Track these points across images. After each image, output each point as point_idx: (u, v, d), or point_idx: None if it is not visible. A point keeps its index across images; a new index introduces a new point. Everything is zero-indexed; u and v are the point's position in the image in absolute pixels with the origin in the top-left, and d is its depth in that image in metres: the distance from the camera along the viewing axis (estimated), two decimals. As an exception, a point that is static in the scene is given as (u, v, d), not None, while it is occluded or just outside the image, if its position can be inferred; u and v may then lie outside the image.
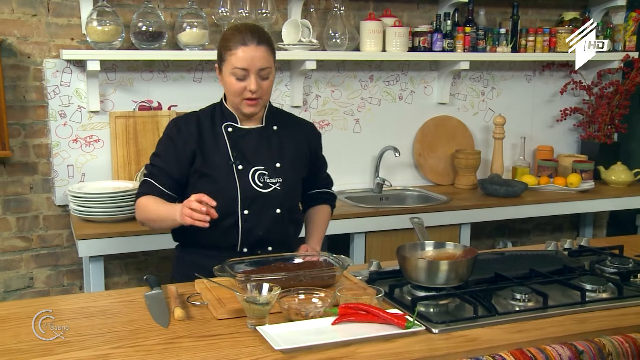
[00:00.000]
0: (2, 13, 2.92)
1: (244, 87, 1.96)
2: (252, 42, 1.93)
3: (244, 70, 1.94)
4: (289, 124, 2.15)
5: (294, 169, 2.09)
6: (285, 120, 2.16)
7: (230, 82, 1.97)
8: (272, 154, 2.06)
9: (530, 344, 1.53)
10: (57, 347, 1.47)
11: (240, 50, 1.93)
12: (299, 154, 2.12)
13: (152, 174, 2.03)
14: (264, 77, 1.97)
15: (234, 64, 1.94)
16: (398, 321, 1.55)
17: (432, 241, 1.95)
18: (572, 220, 4.24)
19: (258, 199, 2.00)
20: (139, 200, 2.02)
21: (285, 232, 2.08)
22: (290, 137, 2.11)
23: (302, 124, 2.20)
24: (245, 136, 2.06)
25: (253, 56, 1.93)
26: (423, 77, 3.73)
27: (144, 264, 3.35)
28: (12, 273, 3.13)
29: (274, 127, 2.10)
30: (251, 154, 2.04)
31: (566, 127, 4.12)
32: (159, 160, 2.03)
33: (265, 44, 1.95)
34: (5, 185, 3.05)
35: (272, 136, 2.08)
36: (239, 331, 1.57)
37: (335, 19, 3.33)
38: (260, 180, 2.02)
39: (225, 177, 2.00)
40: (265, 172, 2.03)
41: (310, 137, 2.18)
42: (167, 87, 3.23)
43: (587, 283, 1.85)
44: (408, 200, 3.64)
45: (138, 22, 2.98)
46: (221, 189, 1.98)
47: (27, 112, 3.04)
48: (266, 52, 1.96)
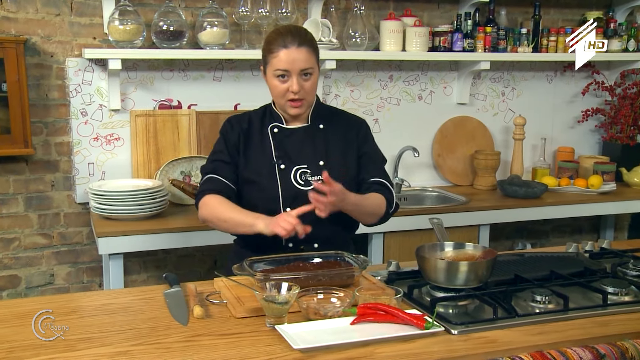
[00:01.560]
0: (27, 13, 2.96)
1: (286, 88, 1.98)
2: (293, 44, 1.95)
3: (285, 72, 1.96)
4: (337, 122, 2.14)
5: (339, 167, 2.06)
6: (333, 117, 2.15)
7: (273, 84, 2.00)
8: (317, 152, 2.06)
9: (551, 346, 1.52)
10: (79, 343, 1.49)
11: (281, 52, 1.95)
12: (347, 152, 2.10)
13: (215, 170, 2.06)
14: (306, 78, 1.99)
15: (275, 66, 1.97)
16: (417, 322, 1.55)
17: (451, 242, 1.94)
18: (593, 223, 4.20)
19: (299, 197, 1.99)
20: (205, 198, 2.01)
21: (331, 229, 2.03)
22: (337, 135, 2.11)
23: (352, 121, 2.18)
24: (290, 136, 2.08)
25: (294, 58, 1.95)
26: (443, 77, 3.71)
27: (162, 262, 3.38)
28: (34, 270, 3.17)
29: (320, 125, 2.11)
30: (295, 153, 2.06)
31: (587, 128, 4.08)
32: (220, 155, 2.07)
33: (306, 45, 1.97)
34: (27, 182, 3.08)
35: (318, 134, 2.09)
36: (257, 330, 1.57)
37: (355, 18, 3.33)
38: (302, 178, 2.03)
39: (267, 177, 2.03)
40: (307, 171, 2.04)
41: (361, 133, 2.15)
42: (187, 86, 3.24)
43: (609, 286, 1.83)
44: (427, 201, 3.63)
45: (159, 21, 3.00)
46: (263, 188, 2.02)
47: (50, 111, 3.08)
48: (307, 53, 1.97)
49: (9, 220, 3.09)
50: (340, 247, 2.01)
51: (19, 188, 3.08)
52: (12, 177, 3.06)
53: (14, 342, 1.50)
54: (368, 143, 2.17)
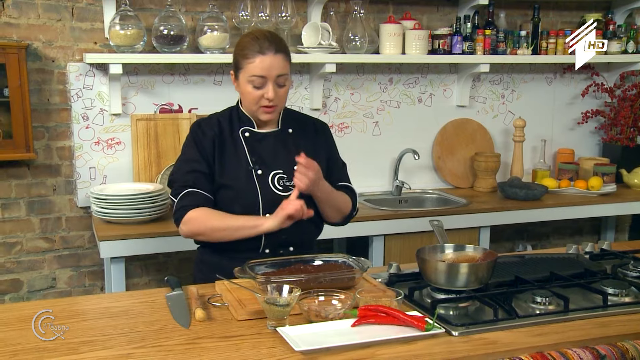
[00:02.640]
0: (29, 18, 2.97)
1: (261, 95, 1.96)
2: (270, 51, 1.93)
3: (261, 78, 1.94)
4: (303, 125, 2.15)
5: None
6: (299, 121, 2.16)
7: (247, 90, 1.97)
8: (290, 157, 2.05)
9: (551, 347, 1.52)
10: (81, 346, 1.50)
11: (258, 59, 1.93)
12: (317, 156, 2.10)
13: (194, 183, 1.98)
14: (280, 85, 1.98)
15: (251, 72, 1.94)
16: (418, 323, 1.55)
17: (452, 244, 1.94)
18: (593, 224, 4.20)
19: (279, 202, 1.99)
20: (190, 214, 1.94)
21: (307, 232, 2.09)
22: (306, 140, 2.12)
23: (318, 125, 2.19)
24: (262, 140, 2.07)
25: (271, 64, 1.93)
26: (443, 80, 3.72)
27: (164, 266, 3.39)
28: (36, 273, 3.18)
29: (289, 130, 2.11)
30: (270, 158, 2.05)
31: (587, 130, 4.08)
32: (196, 165, 2.00)
33: (282, 52, 1.96)
34: (29, 187, 3.09)
35: (289, 139, 2.09)
36: (259, 332, 1.58)
37: (355, 21, 3.34)
38: (280, 184, 2.03)
39: (245, 183, 2.01)
40: (284, 176, 2.04)
41: (328, 138, 2.18)
42: (188, 90, 3.26)
43: (609, 287, 1.83)
44: (427, 203, 3.63)
45: (160, 26, 3.02)
46: (241, 194, 2.00)
47: (51, 115, 3.09)
48: (284, 60, 1.96)
49: (11, 225, 3.10)
50: (309, 249, 2.09)
51: (20, 192, 3.09)
52: (14, 181, 3.07)
53: (17, 345, 1.50)
54: (333, 148, 2.20)
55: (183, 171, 2.02)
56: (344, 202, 2.12)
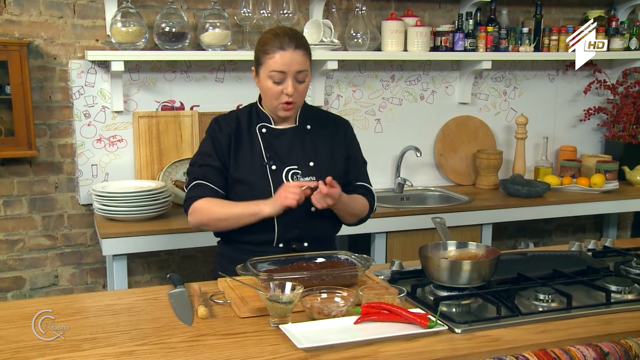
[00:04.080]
0: (30, 15, 2.97)
1: (280, 90, 1.97)
2: (290, 47, 1.94)
3: (281, 74, 1.95)
4: (324, 123, 2.15)
5: (328, 168, 2.07)
6: (319, 118, 2.16)
7: (267, 85, 1.98)
8: (306, 153, 2.07)
9: (554, 344, 1.52)
10: (84, 344, 1.49)
11: (278, 54, 1.94)
12: (334, 153, 2.11)
13: (204, 175, 2.03)
14: (300, 81, 1.98)
15: (271, 67, 1.95)
16: (420, 321, 1.55)
17: (454, 241, 1.94)
18: (595, 222, 4.20)
19: None
20: (196, 204, 2.00)
21: (322, 228, 2.08)
22: (324, 136, 2.12)
23: (338, 122, 2.19)
24: (279, 136, 2.07)
25: (291, 60, 1.94)
26: (445, 77, 3.72)
27: (166, 263, 3.39)
28: (38, 271, 3.18)
29: (307, 126, 2.11)
30: (285, 154, 2.05)
31: (590, 127, 4.08)
32: (208, 159, 2.04)
33: (302, 48, 1.97)
34: (31, 184, 3.10)
35: (306, 136, 2.10)
36: (261, 329, 1.58)
37: (357, 19, 3.33)
38: (293, 179, 2.03)
39: (259, 178, 2.02)
40: (298, 172, 2.04)
41: (348, 135, 2.17)
42: (190, 87, 3.25)
43: (612, 284, 1.83)
44: (429, 201, 3.63)
45: (161, 23, 3.01)
46: (255, 189, 2.01)
47: (53, 113, 3.09)
48: (303, 56, 1.97)
49: (13, 222, 3.10)
50: (327, 245, 2.08)
51: (23, 190, 3.09)
52: (16, 178, 3.07)
53: (20, 343, 1.50)
54: (354, 146, 2.20)
55: (196, 165, 2.06)
56: (361, 207, 2.14)
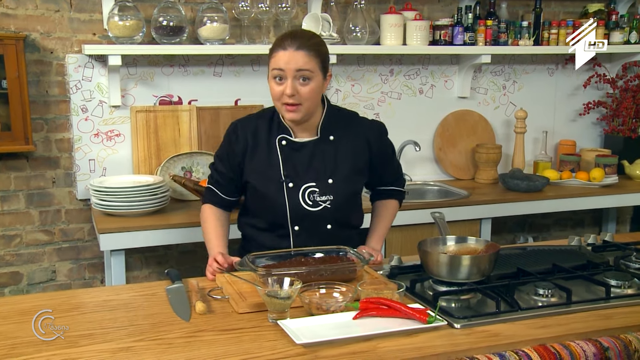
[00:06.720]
0: (26, 9, 2.95)
1: (282, 90, 1.94)
2: (292, 46, 1.92)
3: (280, 71, 1.93)
4: (350, 130, 2.09)
5: (349, 183, 2.05)
6: (345, 123, 2.10)
7: (271, 85, 1.98)
8: (326, 168, 2.03)
9: (554, 339, 1.52)
10: (81, 340, 1.49)
11: (280, 53, 1.94)
12: (357, 163, 2.07)
13: (216, 182, 2.14)
14: (303, 82, 1.94)
15: (273, 65, 1.95)
16: (420, 316, 1.55)
17: (453, 236, 1.94)
18: (594, 216, 4.19)
19: (307, 217, 2.01)
20: (204, 208, 2.17)
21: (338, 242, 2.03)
22: (347, 147, 2.06)
23: (364, 127, 2.12)
24: (299, 150, 2.04)
25: (290, 59, 1.91)
26: (444, 71, 3.70)
27: (164, 258, 3.38)
28: (35, 266, 3.17)
29: (330, 137, 2.06)
30: (303, 170, 2.03)
31: (589, 121, 4.07)
32: (220, 166, 2.12)
33: (305, 49, 1.92)
34: (28, 179, 3.08)
35: (328, 148, 2.05)
36: (260, 325, 1.57)
37: (356, 12, 3.32)
38: (310, 198, 2.01)
39: (275, 193, 2.02)
40: (316, 190, 2.02)
41: (372, 139, 2.11)
42: (188, 82, 3.24)
43: (611, 279, 1.82)
44: (428, 195, 3.62)
45: (159, 17, 3.00)
46: (271, 204, 2.03)
47: (50, 107, 3.07)
48: (306, 56, 1.92)
49: (10, 217, 3.09)
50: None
51: (20, 185, 3.07)
52: (13, 173, 3.06)
53: (16, 339, 1.50)
54: (385, 148, 2.17)
55: (213, 167, 2.17)
56: (394, 215, 2.27)
